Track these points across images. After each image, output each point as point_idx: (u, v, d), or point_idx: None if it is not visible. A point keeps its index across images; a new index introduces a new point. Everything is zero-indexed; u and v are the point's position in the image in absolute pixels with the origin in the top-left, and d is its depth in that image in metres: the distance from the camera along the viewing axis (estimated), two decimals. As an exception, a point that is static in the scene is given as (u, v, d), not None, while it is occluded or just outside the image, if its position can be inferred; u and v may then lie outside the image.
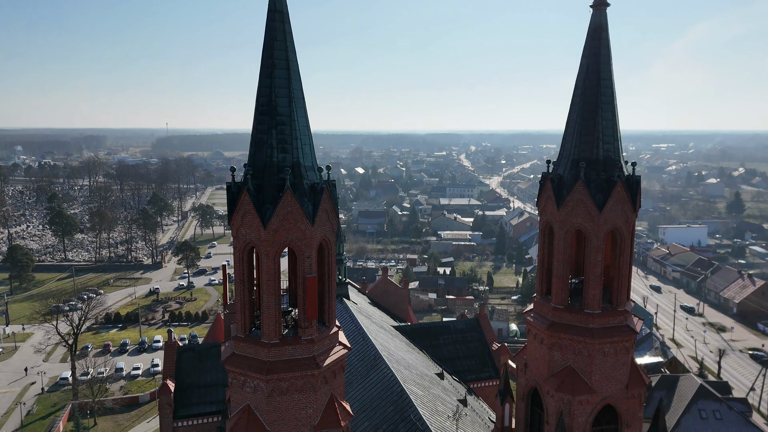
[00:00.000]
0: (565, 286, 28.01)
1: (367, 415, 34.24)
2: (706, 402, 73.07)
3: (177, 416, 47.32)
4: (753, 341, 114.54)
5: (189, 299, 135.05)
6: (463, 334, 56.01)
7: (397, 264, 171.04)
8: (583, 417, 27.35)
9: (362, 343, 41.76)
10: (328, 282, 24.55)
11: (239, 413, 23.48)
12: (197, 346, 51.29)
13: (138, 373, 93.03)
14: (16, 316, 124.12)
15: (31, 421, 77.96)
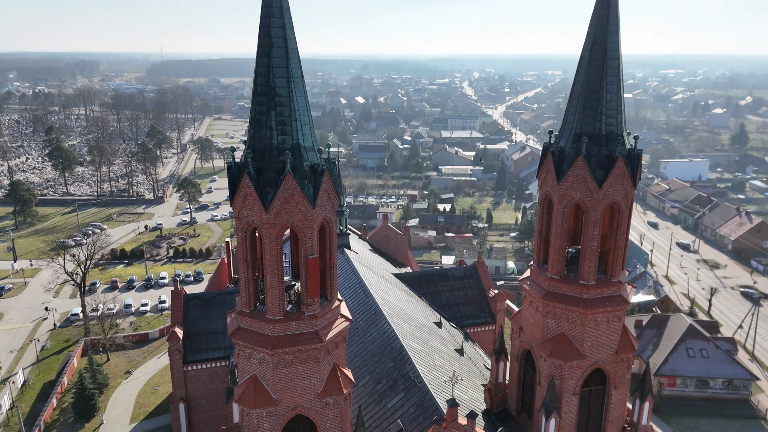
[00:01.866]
0: (561, 257, 28.60)
1: (368, 370, 35.93)
2: (694, 341, 76.03)
3: (186, 361, 49.56)
4: (745, 279, 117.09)
5: (192, 235, 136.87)
6: (461, 281, 57.48)
7: (398, 200, 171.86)
8: (573, 380, 28.79)
9: (363, 297, 43.02)
10: (330, 258, 25.09)
11: (246, 382, 24.74)
12: (203, 295, 52.81)
13: (146, 310, 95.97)
14: (22, 251, 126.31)
15: (46, 356, 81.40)
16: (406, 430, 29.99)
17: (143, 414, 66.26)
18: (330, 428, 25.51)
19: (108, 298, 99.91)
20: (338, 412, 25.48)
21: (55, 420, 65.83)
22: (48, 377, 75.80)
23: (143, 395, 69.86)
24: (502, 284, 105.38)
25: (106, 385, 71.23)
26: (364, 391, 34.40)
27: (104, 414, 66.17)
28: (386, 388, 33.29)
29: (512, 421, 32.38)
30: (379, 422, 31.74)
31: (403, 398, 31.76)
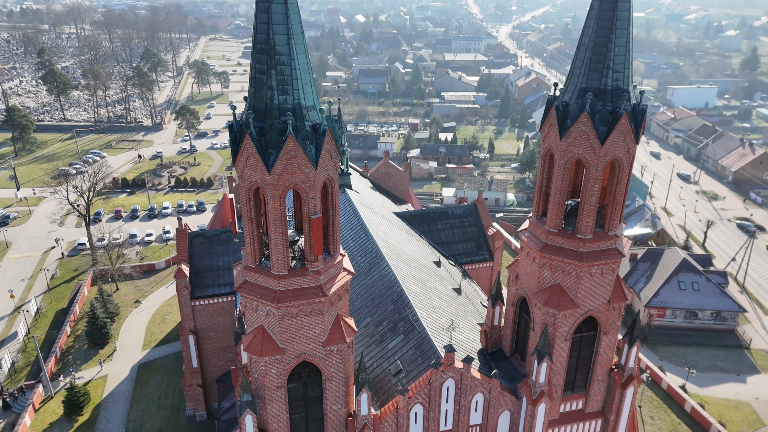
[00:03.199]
0: (560, 212, 29.01)
1: (370, 312, 37.39)
2: (686, 274, 78.06)
3: (193, 297, 51.29)
4: (743, 211, 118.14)
5: (193, 164, 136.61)
6: (461, 219, 58.26)
7: (399, 129, 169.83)
8: (565, 327, 30.11)
9: (364, 239, 43.88)
10: (333, 216, 25.55)
11: (254, 332, 25.96)
12: (207, 233, 53.69)
13: (151, 240, 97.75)
14: (24, 180, 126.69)
15: (57, 285, 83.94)
16: (405, 371, 31.71)
17: (154, 341, 69.33)
18: (334, 373, 27.05)
19: (113, 228, 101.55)
20: (341, 359, 26.92)
21: (70, 347, 68.98)
22: (60, 305, 78.55)
23: (153, 324, 72.74)
24: (501, 216, 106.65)
25: (116, 314, 73.98)
26: (366, 332, 36.00)
27: (117, 341, 69.25)
28: (387, 330, 34.81)
29: (506, 361, 34.14)
30: (379, 362, 33.49)
31: (403, 340, 33.31)
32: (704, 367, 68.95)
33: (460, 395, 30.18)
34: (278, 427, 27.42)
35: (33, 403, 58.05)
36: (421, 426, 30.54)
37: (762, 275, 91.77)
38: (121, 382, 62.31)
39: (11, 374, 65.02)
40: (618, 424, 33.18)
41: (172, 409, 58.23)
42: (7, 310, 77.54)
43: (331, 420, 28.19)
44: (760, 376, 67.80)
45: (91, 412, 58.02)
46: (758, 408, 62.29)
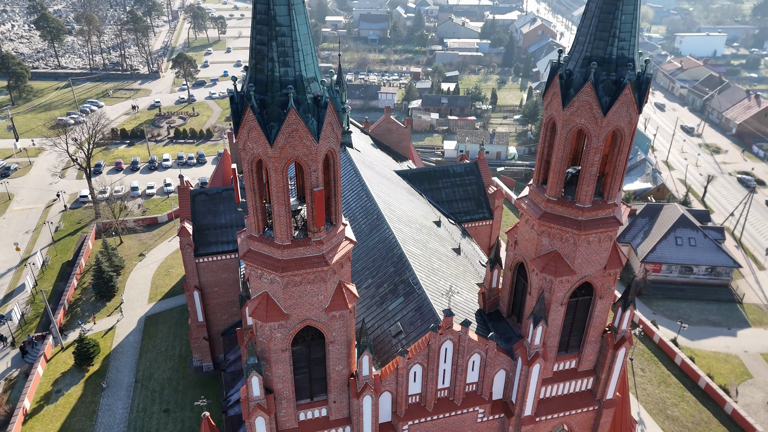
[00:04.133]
0: (560, 180, 29.20)
1: (371, 273, 38.20)
2: (684, 230, 78.86)
3: (197, 254, 52.16)
4: (744, 164, 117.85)
5: (192, 114, 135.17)
6: (462, 177, 58.40)
7: (400, 78, 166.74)
8: (561, 293, 30.89)
9: (366, 200, 44.22)
10: (335, 186, 25.79)
11: (259, 298, 26.72)
12: (209, 190, 53.99)
13: (153, 192, 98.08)
14: (23, 130, 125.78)
15: (61, 237, 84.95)
16: (405, 332, 32.78)
17: (160, 294, 70.89)
18: (336, 337, 28.02)
19: (114, 181, 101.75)
20: (344, 323, 27.82)
21: (77, 299, 70.60)
22: (65, 258, 79.81)
23: (158, 277, 74.14)
24: (502, 170, 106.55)
25: (121, 267, 75.26)
26: (367, 293, 36.91)
27: (123, 294, 70.81)
28: (387, 291, 35.69)
29: (503, 322, 35.18)
30: (380, 323, 34.54)
31: (403, 302, 34.23)
32: (696, 320, 70.76)
33: (457, 356, 31.33)
34: (283, 386, 28.65)
35: (44, 354, 60.03)
36: (420, 384, 31.87)
37: (759, 230, 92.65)
38: (129, 334, 64.20)
39: (21, 325, 66.87)
40: (609, 382, 34.54)
41: (180, 359, 60.27)
42: (14, 262, 78.86)
43: (334, 380, 29.41)
44: (750, 329, 69.70)
45: (101, 363, 60.10)
46: (746, 360, 64.40)
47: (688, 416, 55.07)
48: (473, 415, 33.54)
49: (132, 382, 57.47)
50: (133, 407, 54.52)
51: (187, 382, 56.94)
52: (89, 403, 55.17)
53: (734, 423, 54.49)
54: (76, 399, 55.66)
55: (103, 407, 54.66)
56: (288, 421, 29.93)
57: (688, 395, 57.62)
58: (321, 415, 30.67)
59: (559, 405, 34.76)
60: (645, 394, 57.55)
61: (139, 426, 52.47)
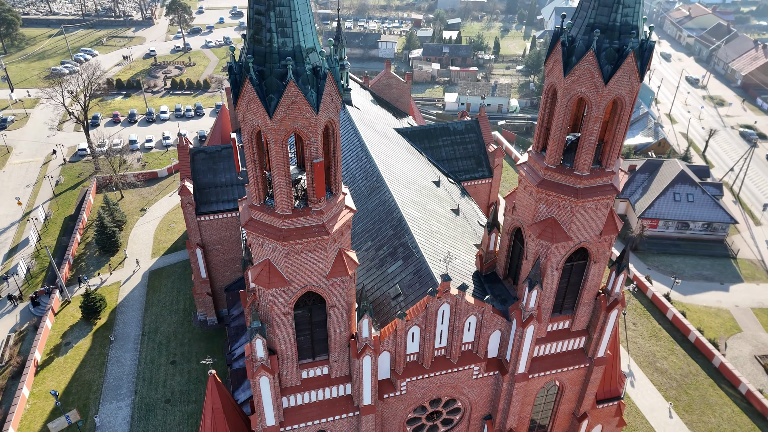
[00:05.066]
0: (559, 148, 29.28)
1: (370, 236, 38.77)
2: (682, 186, 79.20)
3: (198, 213, 52.66)
4: (748, 118, 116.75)
5: (188, 64, 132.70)
6: (462, 135, 58.17)
7: (401, 25, 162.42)
8: (557, 258, 31.55)
9: (365, 162, 44.28)
10: (335, 156, 25.95)
11: (261, 265, 27.36)
12: (208, 149, 53.91)
13: (151, 146, 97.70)
14: (17, 80, 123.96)
15: (62, 191, 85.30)
16: (404, 294, 33.66)
17: (163, 249, 71.91)
18: (337, 301, 28.86)
19: (112, 134, 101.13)
20: (344, 289, 28.59)
21: (81, 254, 71.67)
22: (67, 212, 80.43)
23: (160, 232, 74.97)
24: (503, 124, 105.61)
25: (124, 222, 75.96)
26: (367, 255, 37.60)
27: (126, 249, 71.81)
28: (387, 254, 36.37)
29: (499, 284, 36.06)
30: (380, 285, 35.40)
31: (402, 266, 34.96)
32: (690, 276, 72.13)
33: (454, 318, 32.31)
34: (286, 348, 29.73)
35: (52, 308, 61.55)
36: (417, 344, 33.01)
37: (758, 185, 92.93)
38: (134, 288, 65.58)
39: (27, 279, 68.21)
40: (600, 342, 35.74)
41: (184, 313, 61.85)
42: (16, 216, 79.53)
43: (335, 341, 30.47)
44: (742, 284, 71.16)
45: (108, 316, 61.72)
46: (736, 315, 66.12)
47: (677, 369, 57.08)
48: (468, 372, 34.89)
49: (139, 335, 59.21)
50: (141, 359, 56.41)
51: (193, 336, 58.69)
52: (98, 355, 57.05)
53: (721, 375, 56.56)
54: (85, 351, 57.52)
55: (112, 359, 56.55)
56: (291, 380, 31.21)
57: (677, 349, 59.51)
58: (323, 373, 31.93)
59: (551, 363, 36.08)
60: (636, 348, 59.44)
61: (148, 377, 54.47)
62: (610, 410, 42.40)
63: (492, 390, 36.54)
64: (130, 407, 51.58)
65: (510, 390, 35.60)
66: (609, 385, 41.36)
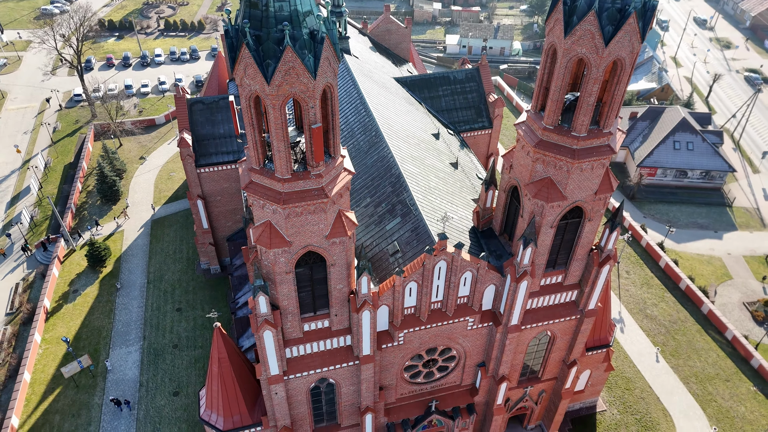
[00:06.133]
0: (558, 109, 29.30)
1: (369, 192, 39.25)
2: (683, 134, 78.80)
3: (198, 165, 52.86)
4: (754, 61, 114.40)
5: (181, 3, 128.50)
6: (462, 84, 57.49)
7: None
8: (552, 216, 32.20)
9: (364, 115, 44.10)
10: (332, 120, 26.06)
11: (262, 226, 28.03)
12: (206, 99, 53.40)
13: (147, 91, 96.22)
14: (6, 20, 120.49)
15: (60, 138, 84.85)
16: (402, 251, 34.53)
17: (164, 198, 72.46)
18: (337, 260, 29.74)
19: (106, 78, 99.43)
20: (344, 248, 29.41)
21: (83, 203, 72.28)
22: (67, 159, 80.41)
23: (160, 181, 75.28)
24: (505, 68, 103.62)
25: (123, 170, 76.11)
26: (366, 212, 38.22)
27: (128, 198, 72.36)
28: (385, 211, 36.97)
29: (495, 239, 36.90)
30: (378, 242, 36.22)
31: (401, 223, 35.64)
32: (685, 224, 73.07)
33: (450, 273, 33.33)
34: (288, 303, 30.89)
35: (58, 256, 62.81)
36: (414, 298, 34.21)
37: (759, 132, 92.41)
38: (138, 237, 66.64)
39: (32, 228, 69.16)
40: (592, 295, 36.96)
41: (188, 261, 63.18)
42: (16, 164, 79.61)
43: (335, 297, 31.60)
44: (736, 232, 72.21)
45: (114, 264, 63.09)
46: (728, 262, 67.54)
47: (666, 315, 59.00)
48: (464, 324, 36.32)
49: (144, 283, 60.74)
50: (147, 306, 58.17)
51: (197, 284, 60.23)
52: (106, 302, 58.78)
53: (709, 322, 58.52)
54: (93, 298, 59.22)
55: (119, 306, 58.32)
56: (294, 332, 32.60)
57: (668, 296, 61.25)
58: (324, 326, 33.29)
59: (544, 315, 37.48)
60: (627, 295, 61.18)
61: (155, 323, 56.39)
62: (598, 357, 44.36)
63: (486, 340, 38.12)
64: (139, 352, 53.72)
65: (503, 340, 37.16)
66: (599, 334, 43.07)
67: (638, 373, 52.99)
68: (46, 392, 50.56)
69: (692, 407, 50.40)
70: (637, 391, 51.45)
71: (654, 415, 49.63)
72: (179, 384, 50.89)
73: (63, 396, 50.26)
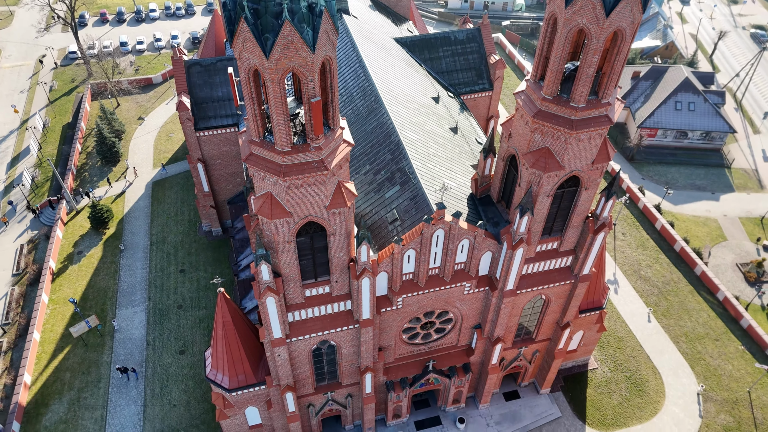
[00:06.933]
0: (557, 79, 29.26)
1: (369, 159, 39.49)
2: (685, 94, 78.14)
3: (197, 128, 52.82)
4: (762, 17, 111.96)
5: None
6: (463, 45, 56.73)
7: None
8: (549, 186, 32.63)
9: (363, 79, 43.81)
10: (332, 92, 26.13)
11: (263, 197, 28.51)
12: (203, 61, 52.82)
13: (143, 48, 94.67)
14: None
15: (57, 98, 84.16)
16: (400, 219, 35.11)
17: (163, 159, 72.53)
18: (337, 230, 30.36)
19: (101, 35, 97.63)
20: (343, 218, 29.98)
21: (83, 164, 72.42)
22: (64, 119, 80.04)
23: (160, 142, 75.14)
24: (507, 25, 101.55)
25: (122, 131, 75.84)
26: (365, 179, 38.57)
27: (128, 159, 72.45)
28: (384, 179, 37.33)
29: (492, 207, 37.45)
30: (378, 210, 36.75)
31: (400, 191, 36.07)
32: (683, 185, 73.45)
33: (448, 241, 34.03)
34: (290, 271, 31.71)
35: (61, 218, 63.49)
36: (413, 265, 35.05)
37: (762, 92, 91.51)
38: (139, 199, 67.14)
39: (33, 189, 69.59)
40: (586, 260, 37.79)
41: (189, 224, 63.92)
42: (14, 124, 79.30)
43: (336, 264, 32.40)
44: (733, 194, 72.68)
45: (116, 226, 63.85)
46: (724, 224, 68.31)
47: (660, 277, 60.21)
48: (460, 288, 37.31)
49: (147, 244, 61.65)
50: (151, 267, 59.27)
51: (199, 246, 61.15)
52: (110, 263, 59.85)
53: (701, 283, 59.76)
54: (97, 260, 60.27)
55: (123, 267, 59.43)
56: (295, 298, 33.57)
57: (662, 257, 62.29)
58: (325, 292, 34.24)
59: (539, 280, 38.43)
60: (623, 257, 62.22)
61: (159, 284, 57.61)
62: (591, 318, 45.66)
63: (482, 303, 39.22)
64: (145, 312, 55.14)
65: (498, 304, 38.25)
66: (592, 297, 44.20)
67: (630, 333, 54.57)
68: (56, 351, 52.21)
69: (681, 365, 52.17)
70: (628, 350, 53.12)
71: (644, 372, 51.43)
72: (185, 343, 52.49)
73: (72, 354, 51.93)
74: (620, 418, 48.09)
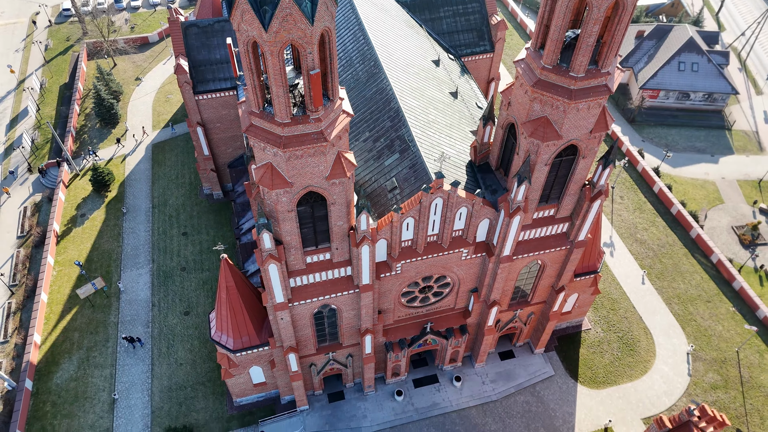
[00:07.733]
0: (557, 48, 29.14)
1: (368, 126, 39.57)
2: (689, 55, 77.05)
3: (196, 92, 52.55)
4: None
5: None
6: (465, 5, 55.77)
7: None
8: (547, 155, 32.93)
9: (363, 44, 43.33)
10: (331, 63, 26.14)
11: (264, 168, 28.89)
12: (200, 22, 52.01)
13: (138, 5, 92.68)
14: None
15: (53, 57, 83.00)
16: (399, 187, 35.55)
17: (162, 121, 72.26)
18: (337, 199, 30.88)
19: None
20: (343, 188, 30.44)
21: (82, 126, 72.17)
22: (61, 79, 79.26)
23: (158, 103, 74.64)
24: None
25: (120, 92, 75.20)
26: (365, 146, 38.77)
27: (127, 121, 72.15)
28: (384, 147, 37.54)
29: (491, 174, 37.82)
30: (377, 177, 37.12)
31: (399, 159, 36.35)
32: (682, 147, 73.40)
33: (446, 209, 34.58)
34: (291, 239, 32.40)
35: (63, 181, 63.84)
36: (411, 232, 35.72)
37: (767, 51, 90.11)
38: (140, 161, 67.30)
39: (33, 151, 69.65)
40: (582, 227, 38.42)
41: (190, 187, 64.30)
42: (11, 85, 78.60)
43: (336, 233, 33.06)
44: (732, 156, 72.72)
45: (118, 189, 64.27)
46: (721, 187, 68.67)
47: (655, 239, 61.05)
48: (458, 254, 38.11)
49: (149, 207, 62.23)
50: (154, 230, 60.05)
51: (200, 209, 61.73)
52: (113, 226, 60.58)
53: (696, 246, 60.65)
54: (100, 222, 60.97)
55: (126, 230, 60.19)
56: (297, 265, 34.40)
57: (659, 221, 62.97)
58: (325, 258, 35.04)
59: (535, 246, 39.18)
60: (620, 220, 62.91)
61: (162, 247, 58.51)
62: (586, 282, 46.71)
63: (479, 268, 40.12)
64: (149, 274, 56.24)
65: (495, 269, 39.15)
66: (587, 261, 45.09)
67: (624, 295, 55.82)
68: (64, 312, 53.57)
69: (672, 326, 53.63)
70: (621, 311, 54.49)
71: (635, 333, 52.93)
72: (189, 304, 53.79)
73: (80, 315, 53.31)
74: (611, 376, 49.82)
